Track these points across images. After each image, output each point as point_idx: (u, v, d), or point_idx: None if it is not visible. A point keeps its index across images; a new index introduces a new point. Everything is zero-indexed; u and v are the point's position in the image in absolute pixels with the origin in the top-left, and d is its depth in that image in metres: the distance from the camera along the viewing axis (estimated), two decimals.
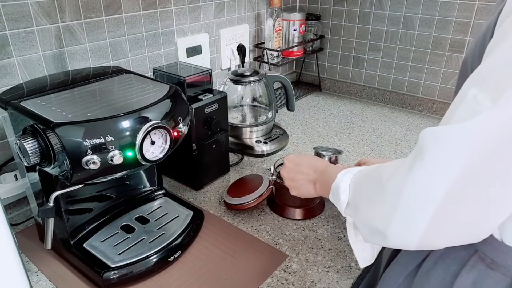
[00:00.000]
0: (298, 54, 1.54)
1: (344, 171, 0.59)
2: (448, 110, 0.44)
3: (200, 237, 0.81)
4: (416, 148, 0.44)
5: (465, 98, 0.41)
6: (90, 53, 0.96)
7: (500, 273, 0.49)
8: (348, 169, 0.60)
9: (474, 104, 0.40)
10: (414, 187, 0.42)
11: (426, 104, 1.42)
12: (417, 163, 0.42)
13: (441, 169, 0.41)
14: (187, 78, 0.90)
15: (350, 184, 0.57)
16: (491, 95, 0.39)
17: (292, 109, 1.26)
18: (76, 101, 0.67)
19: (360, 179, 0.56)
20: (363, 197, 0.53)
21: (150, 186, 0.90)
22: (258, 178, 0.91)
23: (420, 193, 0.42)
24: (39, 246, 0.79)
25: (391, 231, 0.45)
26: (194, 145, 0.92)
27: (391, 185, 0.45)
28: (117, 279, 0.68)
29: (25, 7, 0.82)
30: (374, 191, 0.49)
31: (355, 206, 0.55)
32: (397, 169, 0.45)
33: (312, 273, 0.72)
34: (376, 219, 0.48)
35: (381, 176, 0.48)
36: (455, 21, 1.28)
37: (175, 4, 1.12)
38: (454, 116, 0.41)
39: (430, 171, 0.41)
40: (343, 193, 0.57)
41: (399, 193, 0.44)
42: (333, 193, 0.60)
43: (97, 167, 0.57)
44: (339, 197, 0.57)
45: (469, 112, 0.40)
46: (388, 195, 0.46)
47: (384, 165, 0.50)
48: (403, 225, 0.44)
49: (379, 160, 0.83)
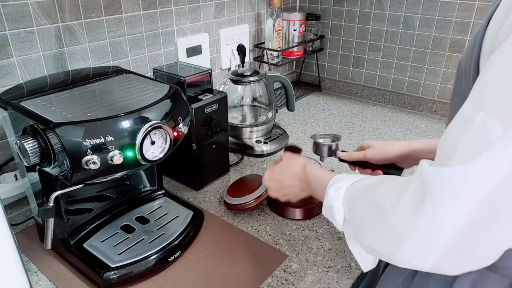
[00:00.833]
0: (298, 54, 1.54)
1: (334, 187, 0.57)
2: (450, 130, 0.42)
3: (200, 237, 0.81)
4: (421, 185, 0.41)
5: (471, 124, 0.38)
6: (90, 53, 0.96)
7: (500, 275, 0.49)
8: (339, 184, 0.57)
9: (483, 132, 0.37)
10: (424, 226, 0.40)
11: (426, 104, 1.42)
12: (426, 203, 0.40)
13: (453, 210, 0.39)
14: (187, 78, 0.90)
15: (344, 202, 0.55)
16: (500, 119, 0.36)
17: (292, 109, 1.26)
18: (76, 101, 0.67)
19: (355, 197, 0.54)
20: (362, 221, 0.51)
21: (150, 186, 0.90)
22: (258, 178, 0.91)
23: (431, 231, 0.40)
24: (39, 246, 0.79)
25: (398, 259, 0.44)
26: (194, 145, 0.92)
27: (397, 219, 0.43)
28: (117, 279, 0.68)
29: (25, 7, 0.82)
30: (376, 218, 0.47)
31: (353, 226, 0.54)
32: (401, 201, 0.43)
33: (312, 273, 0.72)
34: (383, 247, 0.46)
35: (382, 202, 0.46)
36: (455, 21, 1.28)
37: (175, 4, 1.12)
38: (462, 147, 0.39)
39: (442, 212, 0.39)
40: (337, 213, 0.55)
41: (407, 228, 0.42)
42: (326, 210, 0.58)
43: (97, 167, 0.57)
44: (334, 217, 0.56)
45: (480, 143, 0.37)
46: (395, 227, 0.44)
47: (381, 188, 0.48)
48: (412, 256, 0.43)
49: (383, 143, 0.80)
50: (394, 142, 0.80)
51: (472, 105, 0.40)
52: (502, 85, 0.38)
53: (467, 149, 0.38)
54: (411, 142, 0.78)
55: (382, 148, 0.79)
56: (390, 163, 0.78)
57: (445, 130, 0.43)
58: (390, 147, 0.78)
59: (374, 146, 0.80)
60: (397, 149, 0.77)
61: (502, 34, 0.40)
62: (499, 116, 0.37)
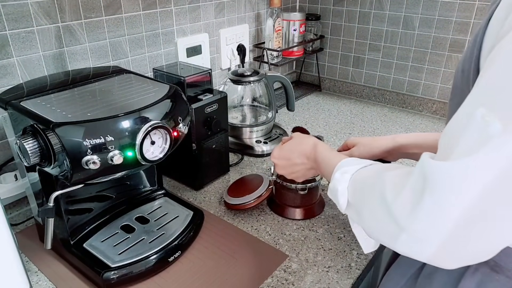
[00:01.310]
0: (298, 54, 1.54)
1: (341, 171, 0.58)
2: (451, 125, 0.42)
3: (200, 237, 0.81)
4: (422, 178, 0.42)
5: (472, 119, 0.39)
6: (90, 53, 0.96)
7: (505, 276, 0.49)
8: (345, 169, 0.58)
9: (483, 127, 0.38)
10: (424, 217, 0.41)
11: (426, 104, 1.42)
12: (426, 195, 0.41)
13: (453, 203, 0.39)
14: (187, 78, 0.90)
15: (349, 187, 0.56)
16: (500, 115, 0.37)
17: (292, 109, 1.26)
18: (76, 101, 0.67)
19: (360, 183, 0.55)
20: (365, 207, 0.52)
21: (150, 186, 0.90)
22: (258, 178, 0.91)
23: (430, 223, 0.41)
24: (39, 246, 0.79)
25: (398, 247, 0.45)
26: (194, 145, 0.92)
27: (397, 208, 0.44)
28: (117, 279, 0.68)
29: (25, 7, 0.82)
30: (377, 207, 0.48)
31: (356, 211, 0.55)
32: (402, 192, 0.44)
33: (312, 273, 0.72)
34: (383, 234, 0.47)
35: (384, 191, 0.47)
36: (455, 21, 1.28)
37: (175, 4, 1.12)
38: (462, 142, 0.39)
39: (442, 204, 0.40)
40: (341, 196, 0.57)
41: (407, 218, 0.43)
42: (331, 192, 0.60)
43: (97, 167, 0.57)
44: (338, 199, 0.57)
45: (479, 138, 0.38)
46: (396, 217, 0.44)
47: (385, 177, 0.49)
48: (411, 245, 0.44)
49: (368, 139, 0.81)
50: (379, 138, 0.82)
51: (473, 101, 0.41)
52: (502, 82, 0.38)
53: (467, 144, 0.39)
54: (395, 136, 0.80)
55: (368, 145, 0.80)
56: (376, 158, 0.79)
57: (447, 125, 0.44)
58: (376, 143, 0.80)
59: (359, 144, 0.81)
60: (383, 145, 0.79)
61: (503, 32, 0.40)
62: (499, 112, 0.37)
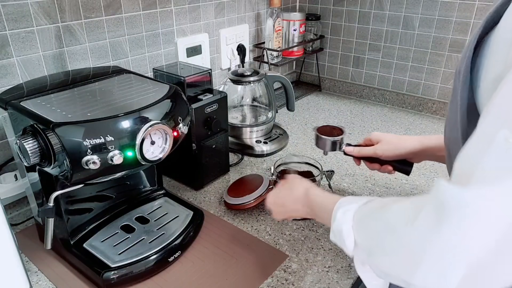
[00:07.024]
0: (298, 54, 1.54)
1: (342, 210, 0.56)
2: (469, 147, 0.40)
3: (200, 237, 0.81)
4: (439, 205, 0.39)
5: (494, 142, 0.36)
6: (90, 53, 0.96)
7: None
8: (346, 207, 0.56)
9: (508, 151, 0.35)
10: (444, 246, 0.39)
11: (426, 104, 1.42)
12: (445, 224, 0.38)
13: (476, 235, 0.37)
14: (187, 78, 0.90)
15: (353, 225, 0.54)
16: None
17: (292, 109, 1.26)
18: (76, 101, 0.67)
19: (365, 220, 0.53)
20: (376, 244, 0.49)
21: (150, 186, 0.90)
22: (258, 178, 0.91)
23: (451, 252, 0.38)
24: (39, 246, 0.79)
25: (417, 280, 0.42)
26: (194, 145, 0.92)
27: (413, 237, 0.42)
28: (117, 279, 0.68)
29: (25, 7, 0.82)
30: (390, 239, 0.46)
31: (365, 250, 0.52)
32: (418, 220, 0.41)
33: (312, 273, 0.72)
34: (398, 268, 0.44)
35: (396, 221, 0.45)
36: (455, 21, 1.28)
37: (175, 4, 1.12)
38: (484, 166, 0.37)
39: (463, 235, 0.37)
40: (347, 237, 0.54)
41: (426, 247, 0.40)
42: (335, 235, 0.57)
43: (97, 167, 0.57)
44: (344, 241, 0.55)
45: (505, 163, 0.35)
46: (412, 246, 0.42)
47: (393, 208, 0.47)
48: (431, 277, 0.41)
49: (393, 137, 0.77)
50: (405, 138, 0.78)
51: (493, 121, 0.38)
52: None
53: (490, 169, 0.37)
54: (423, 138, 0.77)
55: (393, 144, 0.77)
56: (401, 158, 0.77)
57: (463, 146, 0.41)
58: (402, 144, 0.77)
59: (384, 141, 0.78)
60: (410, 146, 0.76)
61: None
62: None
